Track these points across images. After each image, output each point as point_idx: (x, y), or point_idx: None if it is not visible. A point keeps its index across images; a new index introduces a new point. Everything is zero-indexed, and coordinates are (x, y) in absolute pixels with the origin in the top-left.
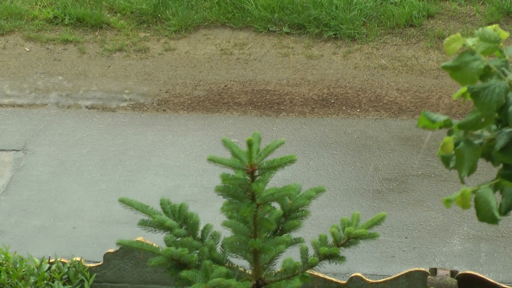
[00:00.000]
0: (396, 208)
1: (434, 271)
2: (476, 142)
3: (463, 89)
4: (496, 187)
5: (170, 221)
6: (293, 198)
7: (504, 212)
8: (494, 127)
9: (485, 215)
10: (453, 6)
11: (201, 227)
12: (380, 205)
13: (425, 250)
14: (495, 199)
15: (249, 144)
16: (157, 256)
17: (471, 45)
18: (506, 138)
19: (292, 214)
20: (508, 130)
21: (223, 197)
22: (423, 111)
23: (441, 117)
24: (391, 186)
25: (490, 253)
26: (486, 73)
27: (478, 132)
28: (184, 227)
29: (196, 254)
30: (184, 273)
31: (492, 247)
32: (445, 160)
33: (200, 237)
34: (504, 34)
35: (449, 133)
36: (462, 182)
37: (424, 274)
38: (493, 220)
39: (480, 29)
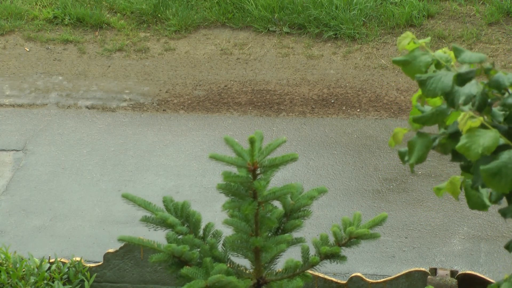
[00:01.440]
0: (396, 208)
1: (434, 271)
2: (430, 137)
3: (419, 91)
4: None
5: (172, 218)
6: (295, 198)
7: (494, 200)
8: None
9: (475, 202)
10: (453, 6)
11: (203, 226)
12: (380, 205)
13: (425, 250)
14: (484, 187)
15: (251, 142)
16: (158, 253)
17: (420, 42)
18: (456, 126)
19: (294, 214)
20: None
21: (225, 195)
22: (415, 104)
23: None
24: (391, 186)
25: (490, 253)
26: (436, 68)
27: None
28: (186, 225)
29: (197, 252)
30: (184, 270)
31: (492, 247)
32: (401, 155)
33: (201, 235)
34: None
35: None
36: (412, 171)
37: (424, 274)
38: (483, 207)
39: (431, 53)
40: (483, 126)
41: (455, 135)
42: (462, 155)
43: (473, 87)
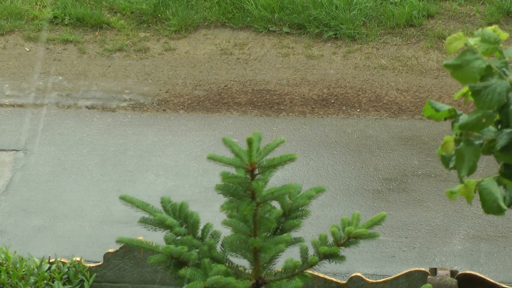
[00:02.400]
0: (396, 208)
1: (434, 271)
2: (477, 142)
3: (465, 88)
4: (498, 182)
5: (170, 220)
6: (293, 198)
7: (508, 204)
8: (493, 129)
9: (491, 206)
10: (453, 6)
11: (201, 226)
12: (380, 205)
13: (425, 250)
14: (499, 191)
15: (249, 142)
16: (157, 254)
17: (472, 44)
18: (506, 138)
19: (292, 214)
20: (508, 130)
21: (223, 196)
22: (428, 100)
23: (445, 107)
24: (391, 186)
25: (490, 253)
26: (487, 73)
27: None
28: (184, 226)
29: (196, 253)
30: (183, 271)
31: (492, 247)
32: (445, 161)
33: (200, 236)
34: (504, 35)
35: (453, 125)
36: (461, 182)
37: (424, 274)
38: (499, 211)
39: (480, 30)
40: None
41: (507, 147)
42: None
43: None
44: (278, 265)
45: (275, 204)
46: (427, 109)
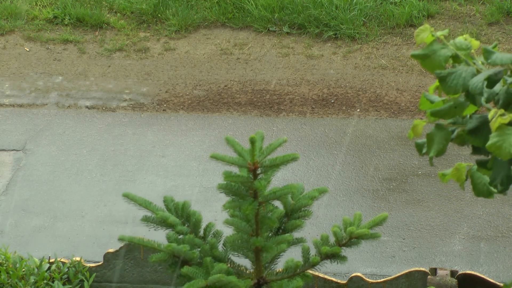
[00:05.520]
0: (396, 208)
1: (434, 271)
2: (449, 129)
3: (437, 82)
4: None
5: (172, 218)
6: (295, 198)
7: (500, 190)
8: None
9: (481, 189)
10: (453, 6)
11: (203, 225)
12: (380, 205)
13: (425, 250)
14: (503, 185)
15: (252, 141)
16: (158, 252)
17: (439, 35)
18: (475, 122)
19: (295, 214)
20: (478, 115)
21: (226, 195)
22: (423, 92)
23: (440, 98)
24: (391, 186)
25: (490, 253)
26: (455, 62)
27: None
28: (186, 225)
29: (198, 252)
30: (185, 270)
31: (492, 247)
32: (419, 147)
33: (202, 235)
34: (475, 43)
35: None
36: (431, 164)
37: (424, 274)
38: (488, 194)
39: (452, 41)
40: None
41: (475, 130)
42: (483, 149)
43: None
44: (279, 265)
45: (278, 204)
46: (423, 102)
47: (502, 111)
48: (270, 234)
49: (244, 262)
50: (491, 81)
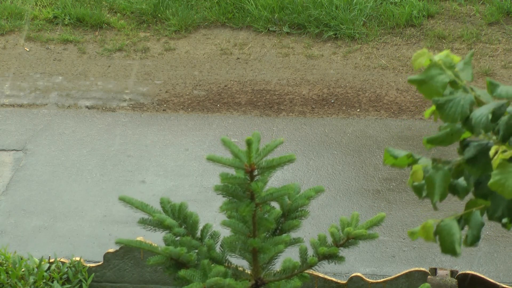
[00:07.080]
0: (396, 208)
1: (434, 271)
2: (445, 168)
3: (434, 106)
4: (465, 221)
5: (169, 220)
6: (292, 198)
7: (470, 243)
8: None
9: (447, 247)
10: (453, 6)
11: (200, 227)
12: (380, 205)
13: (425, 250)
14: (459, 231)
15: (248, 143)
16: (156, 255)
17: (437, 60)
18: (473, 151)
19: (292, 214)
20: (475, 143)
21: (223, 196)
22: (386, 148)
23: (403, 152)
24: (391, 186)
25: (490, 253)
26: (453, 88)
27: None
28: (183, 226)
29: (195, 253)
30: (182, 272)
31: (492, 247)
32: (417, 190)
33: (199, 237)
34: (456, 59)
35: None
36: (435, 208)
37: (424, 274)
38: (453, 253)
39: (434, 56)
40: None
41: (473, 160)
42: (484, 185)
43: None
44: (277, 265)
45: (275, 204)
46: (387, 158)
47: (503, 148)
48: (267, 235)
49: (242, 263)
50: (495, 116)
